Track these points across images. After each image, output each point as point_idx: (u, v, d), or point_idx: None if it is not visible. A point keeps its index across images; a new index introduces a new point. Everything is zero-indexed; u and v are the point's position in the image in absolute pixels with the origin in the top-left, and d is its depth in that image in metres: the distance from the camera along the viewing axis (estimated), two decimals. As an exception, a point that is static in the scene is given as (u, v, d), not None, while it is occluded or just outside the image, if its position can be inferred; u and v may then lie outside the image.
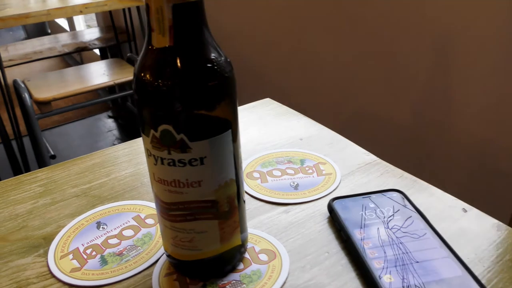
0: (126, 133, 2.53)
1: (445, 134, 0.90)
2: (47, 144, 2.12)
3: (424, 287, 0.36)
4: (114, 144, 2.39)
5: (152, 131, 0.32)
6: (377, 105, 1.04)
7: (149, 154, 0.34)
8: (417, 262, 0.38)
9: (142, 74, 0.32)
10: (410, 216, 0.44)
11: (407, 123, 0.97)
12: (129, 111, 2.56)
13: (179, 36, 0.30)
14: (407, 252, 0.39)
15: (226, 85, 0.32)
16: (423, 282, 0.36)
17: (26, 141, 1.83)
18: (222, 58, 0.32)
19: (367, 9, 0.97)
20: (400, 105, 0.98)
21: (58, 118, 2.62)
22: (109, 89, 2.31)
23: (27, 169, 1.88)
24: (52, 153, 2.01)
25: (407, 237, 0.41)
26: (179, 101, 0.31)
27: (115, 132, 2.53)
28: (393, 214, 0.44)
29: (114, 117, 2.67)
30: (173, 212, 0.35)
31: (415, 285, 0.36)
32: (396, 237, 0.41)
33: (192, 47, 0.31)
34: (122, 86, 1.82)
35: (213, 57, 0.31)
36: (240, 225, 0.38)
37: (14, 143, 1.86)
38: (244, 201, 0.39)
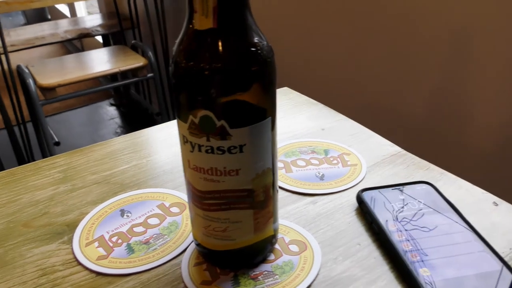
0: (128, 122, 2.51)
1: (466, 127, 0.89)
2: (51, 131, 2.10)
3: (462, 281, 0.35)
4: (117, 132, 2.38)
5: (190, 117, 0.31)
6: (392, 96, 1.03)
7: (185, 141, 0.33)
8: (453, 256, 0.38)
9: (182, 57, 0.30)
10: (442, 209, 0.43)
11: (424, 114, 0.96)
12: (131, 99, 2.55)
13: (223, 18, 0.29)
14: (441, 246, 0.39)
15: (269, 71, 0.31)
16: (461, 276, 0.36)
17: (29, 128, 1.82)
18: (265, 42, 0.31)
19: (382, 1, 0.96)
20: (416, 96, 0.97)
21: (59, 105, 2.60)
22: (111, 77, 2.29)
23: (31, 156, 1.87)
24: (56, 139, 1.99)
25: (440, 230, 0.40)
26: (222, 86, 0.30)
27: (117, 120, 2.52)
28: (424, 207, 0.43)
29: (116, 105, 2.65)
30: (208, 201, 0.34)
31: (453, 279, 0.35)
32: (429, 230, 0.40)
33: (235, 30, 0.30)
34: (124, 73, 1.80)
35: (256, 41, 0.30)
36: (273, 215, 0.37)
37: (16, 129, 1.84)
38: (277, 191, 0.38)
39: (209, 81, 0.30)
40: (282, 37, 1.30)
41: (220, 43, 0.29)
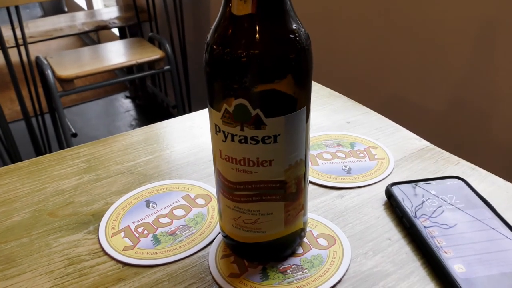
0: (144, 114, 2.52)
1: (493, 122, 0.87)
2: (69, 123, 2.12)
3: (499, 278, 0.34)
4: (132, 125, 2.39)
5: (225, 106, 0.30)
6: (416, 90, 1.01)
7: (217, 130, 0.32)
8: (488, 252, 0.36)
9: (218, 44, 0.30)
10: (476, 205, 0.42)
11: (449, 109, 0.94)
12: (147, 92, 2.55)
13: (261, 3, 0.28)
14: (476, 242, 0.37)
15: (307, 58, 0.30)
16: (497, 274, 0.34)
17: (47, 119, 1.83)
18: (303, 29, 0.30)
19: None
20: (441, 90, 0.95)
21: (76, 97, 2.62)
22: (127, 69, 2.29)
23: (48, 147, 1.88)
24: (74, 131, 2.01)
25: (473, 226, 0.39)
26: (259, 74, 0.29)
27: (133, 113, 2.53)
28: (456, 202, 0.42)
29: (132, 98, 2.66)
30: (239, 192, 0.34)
31: (489, 276, 0.34)
32: (462, 225, 0.39)
33: (274, 16, 0.29)
34: (140, 66, 1.80)
35: (295, 28, 0.29)
36: (303, 208, 0.37)
37: (34, 120, 1.86)
38: (308, 183, 0.37)
39: (246, 68, 0.29)
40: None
41: (258, 29, 0.29)
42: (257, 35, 0.28)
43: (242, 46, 0.29)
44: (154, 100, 2.51)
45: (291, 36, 0.29)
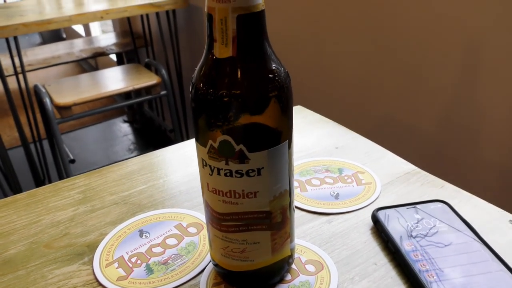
0: (142, 138, 2.54)
1: (478, 143, 0.89)
2: (67, 149, 2.13)
3: (480, 301, 0.35)
4: (130, 149, 2.40)
5: (210, 142, 0.32)
6: (404, 113, 1.03)
7: (204, 164, 0.34)
8: (470, 275, 0.38)
9: (202, 84, 0.31)
10: (458, 228, 0.43)
11: (436, 131, 0.96)
12: (144, 116, 2.58)
13: (242, 47, 0.30)
14: (458, 265, 0.39)
15: (286, 96, 0.32)
16: (479, 297, 0.36)
17: (44, 145, 1.85)
18: (282, 69, 0.32)
19: (394, 17, 0.97)
20: (428, 112, 0.97)
21: (74, 123, 2.64)
22: (125, 94, 2.32)
23: (47, 172, 1.90)
24: (72, 157, 2.02)
25: (456, 249, 0.40)
26: (241, 112, 0.31)
27: (131, 137, 2.55)
28: (440, 226, 0.43)
29: (130, 122, 2.68)
30: (226, 222, 0.35)
31: (471, 300, 0.35)
32: (446, 249, 0.40)
33: (254, 58, 0.31)
34: (138, 91, 1.83)
35: (274, 68, 0.31)
36: (290, 236, 0.38)
37: (32, 147, 1.87)
38: (294, 211, 0.39)
39: (229, 107, 0.31)
40: (295, 56, 1.32)
41: (239, 71, 0.31)
42: (238, 77, 0.30)
43: (224, 87, 0.30)
44: (152, 124, 2.54)
45: (270, 76, 0.31)
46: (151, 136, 2.50)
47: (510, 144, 0.83)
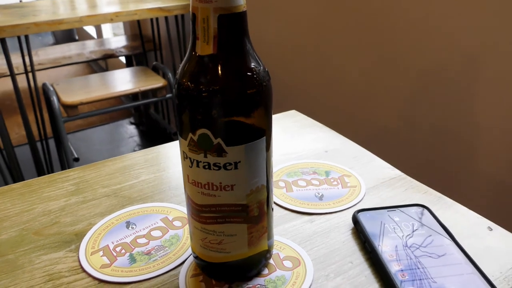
0: (147, 140, 2.56)
1: (469, 153, 0.89)
2: (71, 147, 2.16)
3: (449, 301, 0.36)
4: (135, 151, 2.44)
5: (190, 135, 0.34)
6: (400, 121, 1.04)
7: (185, 157, 0.35)
8: (442, 276, 0.38)
9: (185, 80, 0.33)
10: (435, 231, 0.44)
11: (431, 139, 0.97)
12: (150, 118, 2.61)
13: (222, 45, 0.32)
14: (431, 267, 0.40)
15: (264, 94, 0.34)
16: (448, 297, 0.36)
17: (51, 143, 1.88)
18: (261, 67, 0.34)
19: (393, 28, 0.98)
20: (424, 121, 0.98)
21: (81, 123, 2.68)
22: (132, 96, 2.35)
23: (51, 170, 1.92)
24: (76, 156, 2.05)
25: (431, 252, 0.41)
26: (219, 107, 0.32)
27: (136, 139, 2.57)
28: (418, 229, 0.44)
29: (136, 124, 2.71)
30: (205, 214, 0.36)
31: (440, 299, 0.36)
32: (421, 251, 0.41)
33: (234, 56, 0.32)
34: (145, 93, 1.86)
35: (253, 66, 0.33)
36: (267, 231, 0.39)
37: (39, 145, 1.90)
38: (273, 209, 0.40)
39: (207, 102, 0.32)
40: (292, 63, 1.33)
41: (219, 68, 0.32)
42: (217, 73, 0.32)
43: (204, 83, 0.32)
44: (157, 127, 2.57)
45: (248, 73, 0.32)
46: (156, 139, 2.52)
47: (504, 155, 0.83)
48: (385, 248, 0.42)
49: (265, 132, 0.35)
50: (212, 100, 0.32)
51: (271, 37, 1.40)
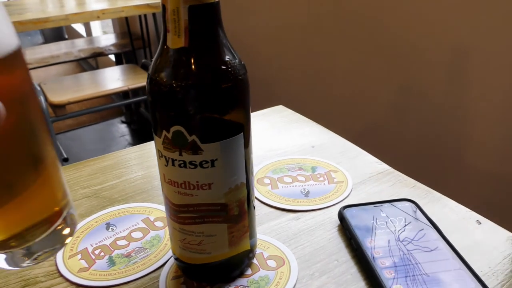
0: (139, 138, 2.54)
1: (459, 146, 0.88)
2: (60, 147, 2.14)
3: (436, 299, 0.35)
4: (126, 149, 2.41)
5: (164, 132, 0.32)
6: (390, 115, 1.03)
7: (160, 155, 0.34)
8: (429, 273, 0.37)
9: (156, 75, 0.32)
10: (423, 227, 0.43)
11: (420, 133, 0.96)
12: (142, 117, 2.58)
13: (194, 38, 0.30)
14: (418, 263, 0.38)
15: (240, 88, 0.32)
16: (435, 294, 0.35)
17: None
18: (237, 60, 0.32)
19: (381, 22, 0.97)
20: (413, 115, 0.97)
21: (72, 122, 2.65)
22: (123, 94, 2.33)
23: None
24: (65, 156, 2.03)
25: (419, 248, 0.40)
26: (192, 103, 0.31)
27: (128, 138, 2.55)
28: (405, 224, 0.43)
29: (127, 123, 2.69)
30: (183, 214, 0.35)
31: (427, 297, 0.35)
32: (408, 247, 0.40)
33: (207, 48, 0.31)
34: (135, 91, 1.84)
35: (227, 60, 0.31)
36: (249, 230, 0.38)
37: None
38: (254, 207, 0.39)
39: (180, 98, 0.31)
40: (280, 57, 1.32)
41: (191, 62, 0.31)
42: (189, 67, 0.30)
43: (176, 77, 0.31)
44: (149, 126, 2.54)
45: (222, 67, 0.31)
46: (148, 137, 2.49)
47: (493, 148, 0.83)
48: (371, 245, 0.41)
49: (242, 128, 0.34)
50: (184, 96, 0.31)
51: (259, 32, 1.39)
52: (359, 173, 0.54)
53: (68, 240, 0.39)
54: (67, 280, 0.40)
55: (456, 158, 0.90)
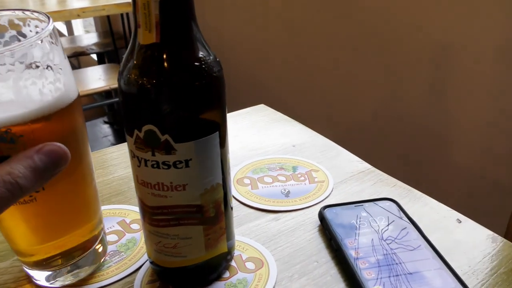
0: (122, 139, 2.51)
1: (440, 145, 0.89)
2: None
3: (416, 299, 0.34)
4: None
5: (136, 131, 0.31)
6: (373, 114, 1.03)
7: (133, 156, 0.33)
8: (410, 273, 0.37)
9: (127, 72, 0.30)
10: (404, 226, 0.42)
11: (404, 133, 0.96)
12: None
13: (166, 33, 0.29)
14: (399, 263, 0.38)
15: (214, 85, 0.31)
16: (415, 295, 0.35)
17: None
18: (211, 57, 0.31)
19: (365, 20, 0.97)
20: (397, 115, 0.97)
21: (54, 123, 2.60)
22: (106, 94, 2.30)
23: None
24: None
25: (399, 248, 0.40)
26: (164, 101, 0.30)
27: (111, 138, 2.52)
28: (386, 224, 0.43)
29: (110, 123, 2.65)
30: (157, 216, 0.34)
31: (407, 298, 0.35)
32: (389, 247, 0.40)
33: (179, 44, 0.30)
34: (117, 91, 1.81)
35: (201, 56, 0.30)
36: (226, 232, 0.37)
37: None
38: (232, 208, 0.38)
39: (151, 95, 0.30)
40: (263, 56, 1.31)
41: (162, 58, 0.29)
42: (161, 64, 0.29)
43: (147, 74, 0.29)
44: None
45: (195, 63, 0.30)
46: (131, 138, 2.47)
47: (475, 147, 0.83)
48: (352, 245, 0.40)
49: (218, 126, 0.33)
50: (155, 94, 0.29)
51: (242, 31, 1.38)
52: (340, 172, 0.53)
53: (104, 259, 0.41)
54: (38, 286, 0.38)
55: (437, 157, 0.90)
